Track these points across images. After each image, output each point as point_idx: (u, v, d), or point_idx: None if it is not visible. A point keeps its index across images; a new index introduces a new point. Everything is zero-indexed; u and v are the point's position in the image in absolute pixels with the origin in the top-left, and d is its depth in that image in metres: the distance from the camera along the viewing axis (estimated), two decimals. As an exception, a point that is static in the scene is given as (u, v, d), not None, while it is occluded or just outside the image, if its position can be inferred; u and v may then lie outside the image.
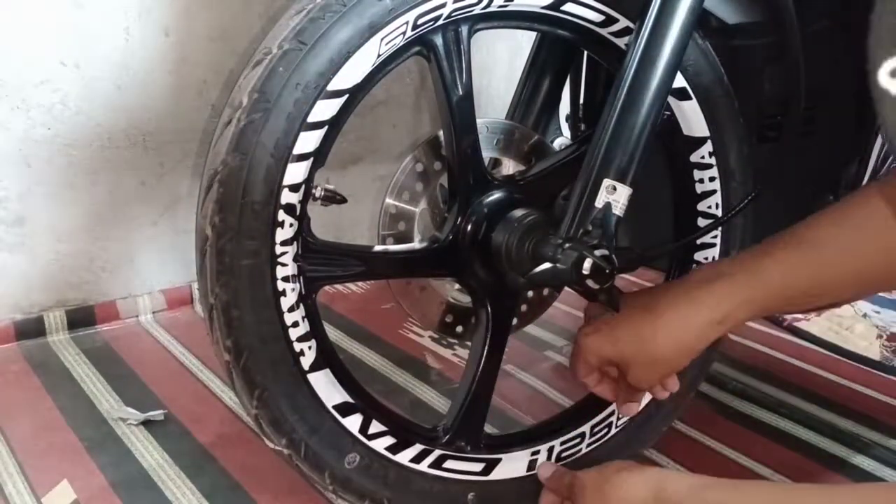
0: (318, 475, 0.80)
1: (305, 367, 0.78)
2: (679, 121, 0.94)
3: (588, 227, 0.79)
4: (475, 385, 0.89)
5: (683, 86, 0.92)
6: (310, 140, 0.75)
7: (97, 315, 1.43)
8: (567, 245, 0.79)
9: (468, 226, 0.86)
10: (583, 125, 1.19)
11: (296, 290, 0.77)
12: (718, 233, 0.99)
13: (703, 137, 0.95)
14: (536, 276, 0.81)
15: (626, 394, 0.87)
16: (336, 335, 1.41)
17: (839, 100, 0.97)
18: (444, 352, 1.37)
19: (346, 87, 0.75)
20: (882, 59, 0.41)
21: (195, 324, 1.45)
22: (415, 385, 1.26)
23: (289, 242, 0.76)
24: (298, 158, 0.74)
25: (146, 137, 1.41)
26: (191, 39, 1.41)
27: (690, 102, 0.93)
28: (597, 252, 0.78)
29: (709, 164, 0.96)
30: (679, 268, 1.01)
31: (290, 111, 0.73)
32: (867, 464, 1.07)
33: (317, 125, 0.75)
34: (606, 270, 0.78)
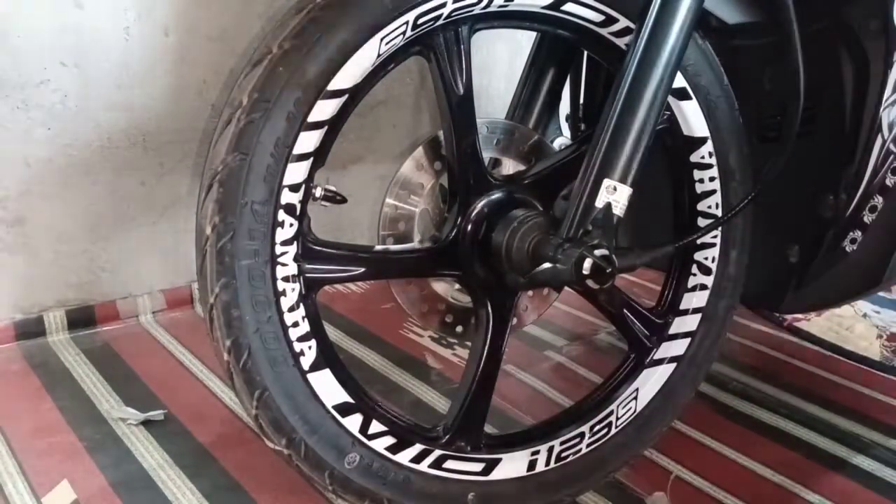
0: (318, 475, 0.80)
1: (305, 367, 0.78)
2: (679, 121, 0.94)
3: (588, 227, 0.79)
4: (475, 385, 0.89)
5: (683, 86, 0.92)
6: (310, 140, 0.75)
7: (97, 315, 1.43)
8: (567, 245, 0.79)
9: (468, 226, 0.86)
10: (583, 125, 1.19)
11: (296, 290, 0.77)
12: (718, 233, 0.99)
13: (703, 137, 0.95)
14: (536, 276, 0.81)
15: None
16: (336, 335, 1.41)
17: (839, 100, 0.97)
18: (444, 352, 1.37)
19: (346, 87, 0.75)
20: None
21: (195, 324, 1.45)
22: (415, 385, 1.26)
23: (289, 242, 0.76)
24: (298, 158, 0.74)
25: (146, 137, 1.41)
26: (191, 39, 1.41)
27: (690, 102, 0.93)
28: (597, 252, 0.78)
29: (709, 164, 0.96)
30: (679, 268, 1.01)
31: (290, 111, 0.73)
32: (867, 464, 1.07)
33: (317, 125, 0.75)
34: (606, 270, 0.78)
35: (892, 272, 1.01)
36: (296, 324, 0.77)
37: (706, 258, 0.99)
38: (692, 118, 0.94)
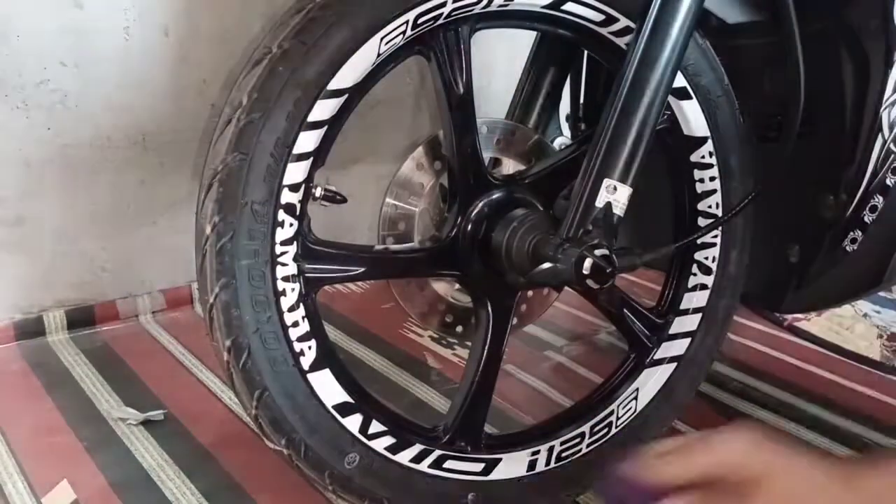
0: (318, 475, 0.80)
1: (305, 367, 0.78)
2: (679, 121, 0.94)
3: (588, 227, 0.79)
4: (475, 385, 0.89)
5: (683, 86, 0.92)
6: (310, 139, 0.75)
7: (97, 315, 1.43)
8: (567, 245, 0.79)
9: (468, 225, 0.86)
10: (583, 125, 1.19)
11: (296, 290, 0.77)
12: (718, 233, 0.99)
13: (703, 137, 0.95)
14: (537, 276, 0.81)
15: None
16: (336, 335, 1.41)
17: (839, 100, 0.97)
18: (444, 352, 1.37)
19: (346, 87, 0.75)
20: None
21: (195, 324, 1.45)
22: (415, 385, 1.26)
23: (289, 242, 0.76)
24: (298, 158, 0.74)
25: (146, 137, 1.41)
26: (191, 39, 1.41)
27: (690, 102, 0.93)
28: (597, 252, 0.78)
29: (709, 164, 0.96)
30: (679, 268, 1.01)
31: (290, 111, 0.73)
32: (867, 464, 1.07)
33: (317, 125, 0.75)
34: (607, 270, 0.78)
35: (892, 272, 1.01)
36: (296, 324, 0.77)
37: (706, 258, 0.99)
38: (692, 118, 0.94)
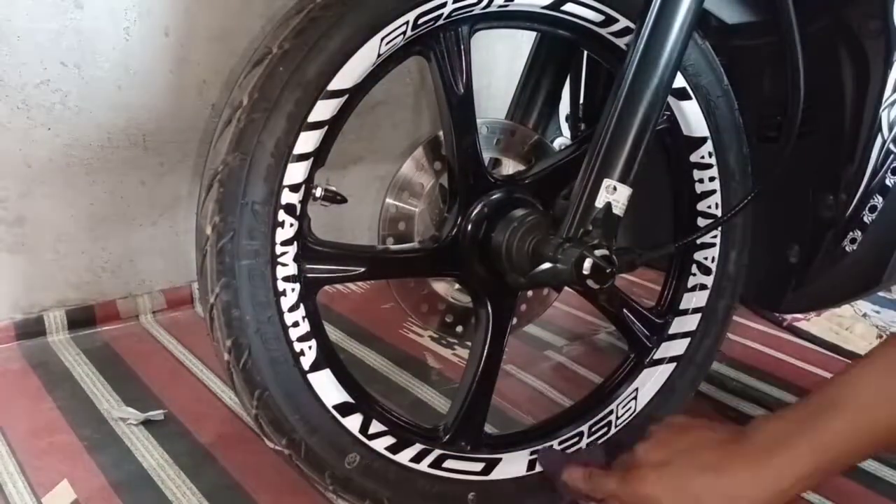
0: (318, 475, 0.80)
1: (305, 367, 0.78)
2: (679, 121, 0.95)
3: (588, 227, 0.79)
4: (475, 385, 0.89)
5: (683, 86, 0.92)
6: (310, 140, 0.75)
7: (97, 315, 1.43)
8: (567, 245, 0.79)
9: (468, 226, 0.86)
10: (583, 125, 1.19)
11: (296, 290, 0.77)
12: (718, 233, 0.99)
13: (703, 137, 0.95)
14: (537, 276, 0.81)
15: None
16: (336, 335, 1.41)
17: (839, 100, 0.97)
18: (444, 352, 1.37)
19: (346, 87, 0.76)
20: None
21: (195, 324, 1.45)
22: (415, 385, 1.26)
23: (289, 242, 0.76)
24: (298, 158, 0.74)
25: (146, 137, 1.41)
26: (191, 39, 1.41)
27: (690, 102, 0.93)
28: (597, 252, 0.78)
29: (709, 164, 0.96)
30: (679, 268, 1.01)
31: (291, 111, 0.73)
32: (867, 464, 1.07)
33: (317, 125, 0.75)
34: (606, 270, 0.78)
35: (892, 272, 1.01)
36: (296, 324, 0.77)
37: (706, 258, 0.99)
38: (692, 118, 0.94)
